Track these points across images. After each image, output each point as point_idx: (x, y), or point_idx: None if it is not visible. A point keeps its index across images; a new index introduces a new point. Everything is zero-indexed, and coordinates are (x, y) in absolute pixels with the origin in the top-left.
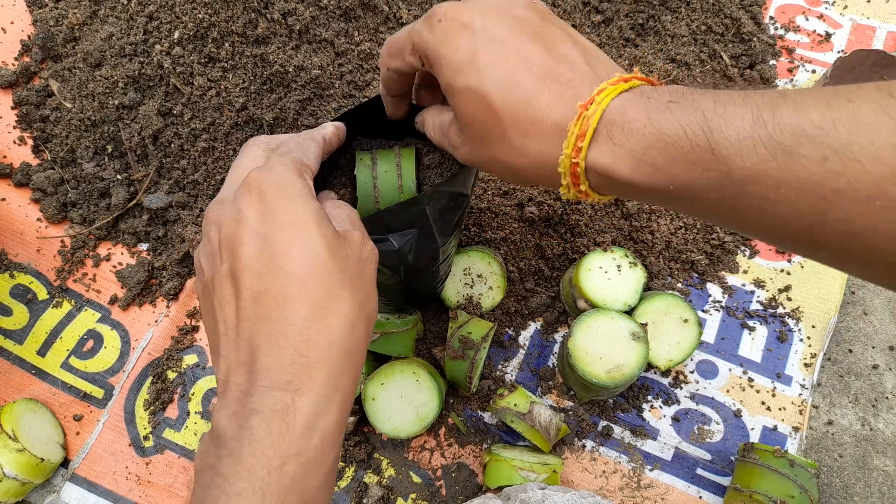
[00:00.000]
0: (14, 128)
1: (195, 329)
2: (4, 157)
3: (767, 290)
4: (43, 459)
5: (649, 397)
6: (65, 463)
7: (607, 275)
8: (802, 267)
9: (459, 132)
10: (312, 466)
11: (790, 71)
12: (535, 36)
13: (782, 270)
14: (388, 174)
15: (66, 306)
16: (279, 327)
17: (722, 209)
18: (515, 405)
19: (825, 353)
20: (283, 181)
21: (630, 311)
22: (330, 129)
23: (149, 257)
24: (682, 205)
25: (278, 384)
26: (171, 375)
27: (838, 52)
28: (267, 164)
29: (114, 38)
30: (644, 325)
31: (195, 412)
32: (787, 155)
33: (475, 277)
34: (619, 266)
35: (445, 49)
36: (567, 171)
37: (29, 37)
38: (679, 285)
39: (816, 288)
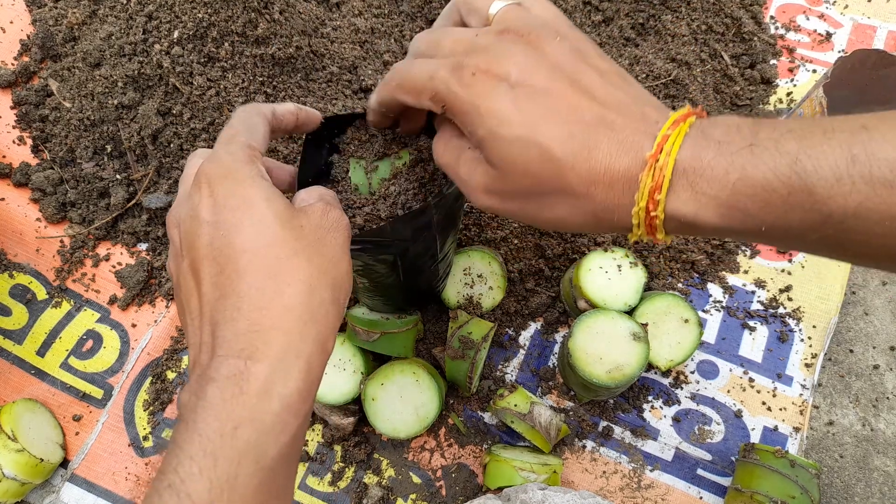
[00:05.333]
0: (13, 127)
1: None
2: (3, 156)
3: (768, 291)
4: (42, 460)
5: (650, 397)
6: (64, 463)
7: (608, 275)
8: (803, 267)
9: (494, 179)
10: (271, 433)
11: (791, 70)
12: (574, 84)
13: (783, 270)
14: (384, 175)
15: (66, 306)
16: (234, 302)
17: (821, 245)
18: (515, 405)
19: (826, 354)
20: (230, 169)
21: (630, 312)
22: (287, 107)
23: (148, 257)
24: (773, 241)
25: (232, 353)
26: (171, 375)
27: (839, 51)
28: (213, 156)
29: (113, 37)
30: (644, 326)
31: None
32: (889, 189)
33: (475, 277)
34: (619, 266)
35: (484, 102)
36: (642, 222)
37: (28, 36)
38: (679, 285)
39: (817, 288)
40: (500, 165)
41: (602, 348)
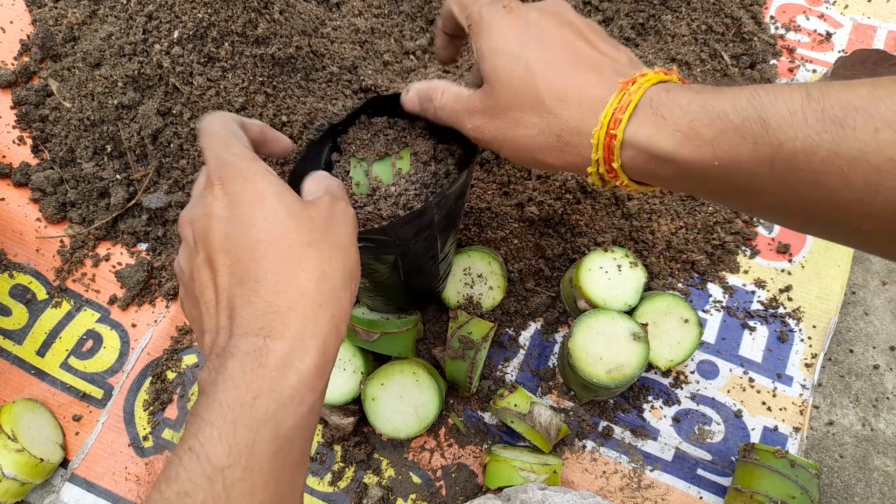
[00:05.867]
0: (13, 127)
1: None
2: (3, 156)
3: (768, 290)
4: (42, 460)
5: (650, 397)
6: (64, 463)
7: (608, 275)
8: (803, 267)
9: (483, 97)
10: (289, 405)
11: (791, 70)
12: (581, 36)
13: (783, 270)
14: (385, 175)
15: (66, 306)
16: (251, 286)
17: (769, 184)
18: (515, 405)
19: (826, 354)
20: (239, 168)
21: (630, 312)
22: (254, 121)
23: (148, 257)
24: (723, 184)
25: (252, 331)
26: (171, 376)
27: (839, 51)
28: (219, 160)
29: (113, 37)
30: (644, 326)
31: None
32: (839, 127)
33: (475, 277)
34: (619, 266)
35: (499, 25)
36: (600, 144)
37: (28, 36)
38: (679, 285)
39: (817, 288)
40: (489, 76)
41: (602, 348)
